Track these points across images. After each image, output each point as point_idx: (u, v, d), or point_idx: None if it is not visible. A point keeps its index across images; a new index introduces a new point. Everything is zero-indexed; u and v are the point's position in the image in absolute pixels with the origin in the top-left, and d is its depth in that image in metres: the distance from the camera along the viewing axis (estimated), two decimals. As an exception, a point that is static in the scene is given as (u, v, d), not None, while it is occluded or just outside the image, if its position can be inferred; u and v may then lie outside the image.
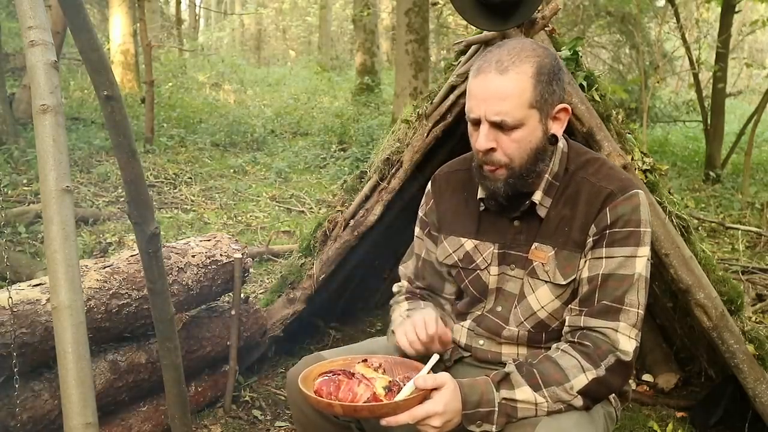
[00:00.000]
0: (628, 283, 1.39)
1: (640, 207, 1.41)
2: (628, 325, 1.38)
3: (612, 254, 1.40)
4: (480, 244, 1.55)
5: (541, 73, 1.37)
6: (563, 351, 1.38)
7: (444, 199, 1.64)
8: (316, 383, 1.31)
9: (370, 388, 1.27)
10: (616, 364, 1.36)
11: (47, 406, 1.87)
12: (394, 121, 4.88)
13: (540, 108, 1.38)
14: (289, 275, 2.84)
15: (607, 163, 1.51)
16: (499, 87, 1.35)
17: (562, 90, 1.43)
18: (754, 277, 4.23)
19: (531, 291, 1.49)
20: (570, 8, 9.90)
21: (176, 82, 11.26)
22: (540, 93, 1.37)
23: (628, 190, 1.42)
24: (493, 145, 1.39)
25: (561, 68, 1.43)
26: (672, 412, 2.66)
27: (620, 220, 1.40)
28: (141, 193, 1.49)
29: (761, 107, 7.03)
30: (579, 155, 1.51)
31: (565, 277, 1.45)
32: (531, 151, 1.40)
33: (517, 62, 1.36)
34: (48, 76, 1.15)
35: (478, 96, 1.38)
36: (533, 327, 1.51)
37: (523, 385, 1.32)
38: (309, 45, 23.52)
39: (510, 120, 1.36)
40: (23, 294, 1.82)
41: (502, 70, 1.36)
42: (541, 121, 1.40)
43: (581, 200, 1.44)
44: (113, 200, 5.49)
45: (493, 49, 1.42)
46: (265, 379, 2.82)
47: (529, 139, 1.39)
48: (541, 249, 1.47)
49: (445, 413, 1.26)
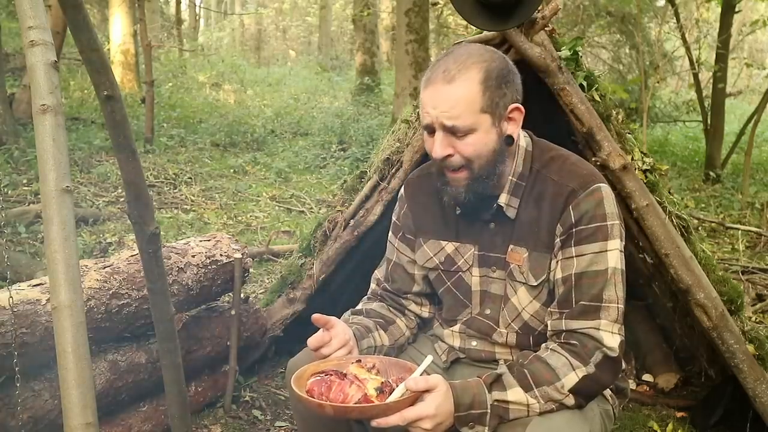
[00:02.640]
0: (602, 279, 1.39)
1: (603, 201, 1.41)
2: (609, 321, 1.38)
3: (582, 252, 1.40)
4: (460, 246, 1.56)
5: (489, 78, 1.37)
6: (552, 350, 1.39)
7: (419, 202, 1.64)
8: (309, 383, 1.31)
9: (361, 389, 1.26)
10: (604, 361, 1.36)
11: (47, 406, 1.87)
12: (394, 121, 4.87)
13: (491, 112, 1.39)
14: (289, 275, 2.84)
15: (570, 159, 1.50)
16: (449, 95, 1.36)
17: (514, 91, 1.43)
18: (754, 277, 4.23)
19: (513, 293, 1.51)
20: (570, 8, 9.90)
21: (176, 82, 11.26)
22: (489, 97, 1.37)
23: (589, 186, 1.42)
24: (450, 151, 1.40)
25: (510, 70, 1.43)
26: (672, 412, 2.66)
27: (584, 217, 1.40)
28: (141, 193, 1.49)
29: (761, 107, 7.02)
30: (543, 153, 1.51)
31: (536, 277, 1.46)
32: (487, 153, 1.41)
33: (464, 69, 1.37)
34: (48, 76, 1.15)
35: (429, 105, 1.40)
36: (520, 329, 1.52)
37: (515, 386, 1.33)
38: (309, 45, 23.53)
39: (462, 125, 1.36)
40: (23, 294, 1.82)
41: (449, 79, 1.37)
42: (494, 124, 1.40)
43: (546, 200, 1.45)
44: (113, 200, 5.49)
45: (441, 58, 1.43)
46: (265, 379, 2.82)
47: (484, 142, 1.39)
48: (516, 251, 1.48)
49: (436, 415, 1.25)
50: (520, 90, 1.46)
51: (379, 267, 1.78)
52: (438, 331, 1.68)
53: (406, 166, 2.62)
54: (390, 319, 1.66)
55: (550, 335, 1.44)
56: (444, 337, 1.65)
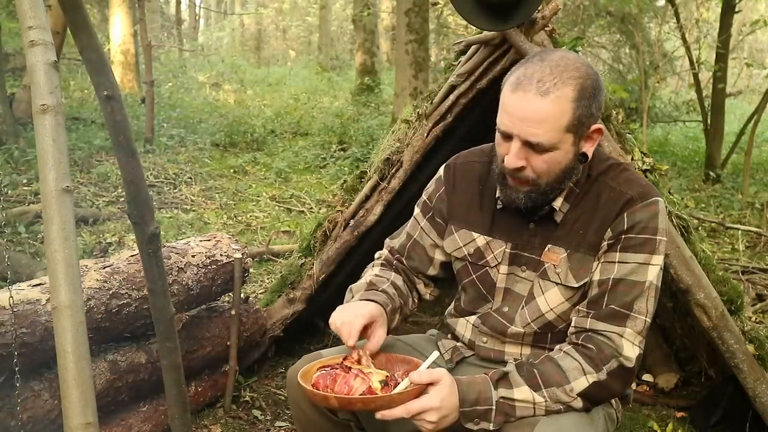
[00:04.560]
0: (638, 289, 1.37)
1: (658, 215, 1.40)
2: (633, 331, 1.36)
3: (625, 259, 1.39)
4: (492, 241, 1.53)
5: (582, 97, 1.32)
6: (565, 353, 1.37)
7: (458, 189, 1.61)
8: (314, 377, 1.32)
9: (366, 382, 1.27)
10: (618, 369, 1.35)
11: (47, 406, 1.87)
12: (394, 121, 4.87)
13: (575, 131, 1.35)
14: (289, 275, 2.84)
15: (629, 169, 1.49)
16: (539, 110, 1.30)
17: (599, 110, 1.38)
18: (754, 277, 4.23)
19: (541, 292, 1.48)
20: (570, 8, 9.90)
21: (176, 82, 11.27)
22: (578, 117, 1.33)
23: (648, 197, 1.40)
24: (523, 164, 1.36)
25: (600, 87, 1.38)
26: (672, 412, 2.66)
27: (637, 226, 1.38)
28: (141, 193, 1.49)
29: (761, 107, 7.02)
30: (601, 161, 1.49)
31: (578, 279, 1.43)
32: (560, 171, 1.38)
33: (559, 84, 1.31)
34: (48, 76, 1.15)
35: (515, 114, 1.33)
36: (540, 328, 1.50)
37: (522, 384, 1.32)
38: (309, 45, 23.52)
39: (545, 143, 1.33)
40: (23, 294, 1.82)
41: (543, 92, 1.30)
42: (574, 143, 1.37)
43: (600, 204, 1.43)
44: (113, 200, 5.49)
45: (534, 62, 1.36)
46: (265, 379, 2.82)
47: (560, 160, 1.36)
48: (553, 251, 1.46)
49: (441, 408, 1.25)
50: (602, 107, 1.42)
51: (395, 236, 1.73)
52: (451, 320, 1.66)
53: (406, 166, 2.62)
54: (406, 297, 1.63)
55: (571, 332, 1.43)
56: (456, 326, 1.63)
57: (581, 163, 1.42)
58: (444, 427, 1.28)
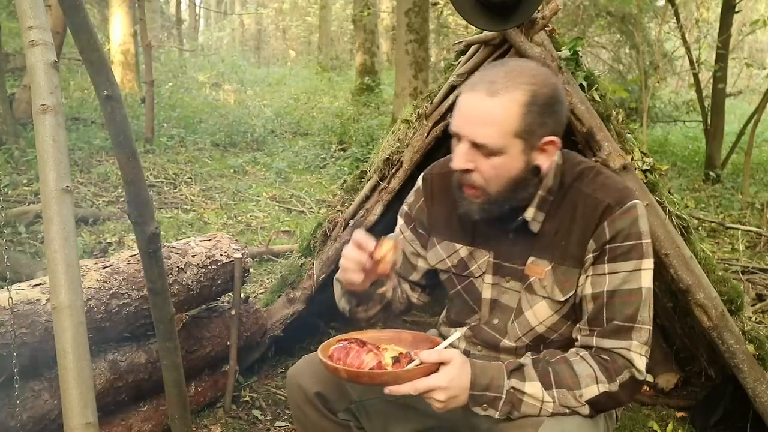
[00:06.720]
0: (636, 298, 1.36)
1: (638, 219, 1.38)
2: (639, 343, 1.35)
3: (615, 270, 1.37)
4: (475, 251, 1.52)
5: (534, 103, 1.30)
6: (582, 357, 1.36)
7: (436, 201, 1.60)
8: (332, 349, 1.36)
9: (377, 357, 1.30)
10: (629, 381, 1.34)
11: (47, 406, 1.87)
12: (394, 121, 4.87)
13: (525, 138, 1.31)
14: (289, 275, 2.84)
15: (602, 172, 1.46)
16: (486, 110, 1.29)
17: (556, 122, 1.35)
18: (754, 277, 4.23)
19: (529, 306, 1.47)
20: (570, 8, 9.91)
21: (176, 82, 11.26)
22: (527, 123, 1.30)
23: (625, 202, 1.38)
24: (471, 167, 1.34)
25: (559, 100, 1.35)
26: (672, 412, 2.66)
27: (620, 234, 1.36)
28: (141, 193, 1.49)
29: (761, 107, 7.03)
30: (573, 166, 1.46)
31: (564, 292, 1.42)
32: (509, 179, 1.35)
33: (511, 87, 1.29)
34: (48, 76, 1.16)
35: (463, 114, 1.33)
36: (531, 341, 1.50)
37: (535, 380, 1.31)
38: (309, 45, 23.51)
39: (490, 144, 1.31)
40: (23, 294, 1.82)
41: (492, 93, 1.29)
42: (524, 151, 1.33)
43: (578, 214, 1.40)
44: (113, 200, 5.49)
45: (495, 66, 1.37)
46: (265, 379, 2.82)
47: (508, 167, 1.33)
48: (537, 264, 1.44)
49: (449, 388, 1.25)
50: (562, 123, 1.38)
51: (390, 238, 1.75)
52: (443, 329, 1.67)
53: (406, 166, 2.62)
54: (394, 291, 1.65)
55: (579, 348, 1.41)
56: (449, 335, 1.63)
57: (534, 176, 1.38)
58: (453, 407, 1.29)
